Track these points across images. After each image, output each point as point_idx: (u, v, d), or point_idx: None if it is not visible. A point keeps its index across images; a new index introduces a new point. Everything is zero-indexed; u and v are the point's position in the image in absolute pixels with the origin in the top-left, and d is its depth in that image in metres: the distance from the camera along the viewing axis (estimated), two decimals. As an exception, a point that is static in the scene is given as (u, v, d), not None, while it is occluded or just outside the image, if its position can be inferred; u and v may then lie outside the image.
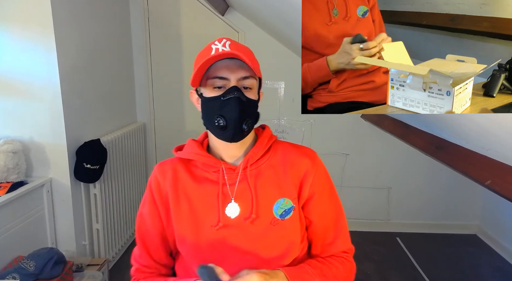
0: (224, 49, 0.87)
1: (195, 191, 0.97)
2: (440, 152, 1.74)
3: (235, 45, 0.91)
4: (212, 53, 0.87)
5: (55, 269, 1.91)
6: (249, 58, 0.87)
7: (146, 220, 1.00)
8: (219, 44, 0.90)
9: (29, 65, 2.03)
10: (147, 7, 2.99)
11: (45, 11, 1.96)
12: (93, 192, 2.38)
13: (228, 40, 0.91)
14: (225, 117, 0.88)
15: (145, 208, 1.01)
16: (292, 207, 0.96)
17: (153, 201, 0.99)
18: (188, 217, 0.95)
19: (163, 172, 1.00)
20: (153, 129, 3.23)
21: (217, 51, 0.87)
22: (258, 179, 0.97)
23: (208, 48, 0.91)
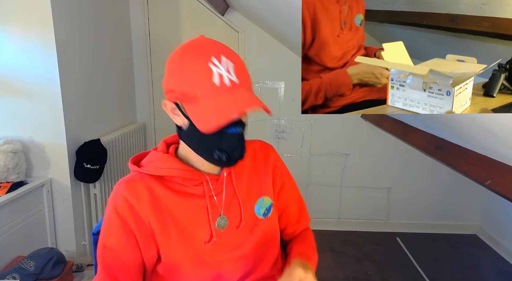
0: (230, 78, 0.76)
1: (179, 209, 0.88)
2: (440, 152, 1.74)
3: (239, 69, 0.78)
4: (214, 80, 0.75)
5: (55, 269, 1.91)
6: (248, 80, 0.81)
7: (117, 252, 0.85)
8: (222, 68, 0.76)
9: (29, 65, 2.03)
10: (147, 7, 2.99)
11: (45, 11, 1.96)
12: (93, 192, 2.38)
13: (228, 60, 0.77)
14: (228, 152, 0.82)
15: (113, 238, 0.86)
16: (271, 204, 0.99)
17: (125, 229, 0.85)
18: (178, 238, 0.88)
19: (134, 193, 0.86)
20: (153, 129, 3.23)
21: (222, 80, 0.75)
22: (240, 184, 0.95)
23: (207, 70, 0.75)
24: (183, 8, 3.02)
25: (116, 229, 0.85)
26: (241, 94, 0.77)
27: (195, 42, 0.81)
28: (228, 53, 0.78)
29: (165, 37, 3.07)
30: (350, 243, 3.07)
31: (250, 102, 0.77)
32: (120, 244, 0.85)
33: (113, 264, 0.86)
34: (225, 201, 0.92)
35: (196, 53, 0.77)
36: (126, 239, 0.85)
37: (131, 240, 0.86)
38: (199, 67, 0.75)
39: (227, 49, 0.79)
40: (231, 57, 0.78)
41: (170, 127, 3.06)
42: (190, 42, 0.82)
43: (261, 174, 0.99)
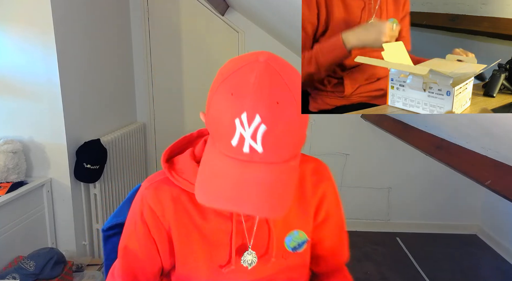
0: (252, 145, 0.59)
1: (205, 226, 0.80)
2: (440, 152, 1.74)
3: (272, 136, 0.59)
4: (233, 141, 0.60)
5: (55, 269, 1.91)
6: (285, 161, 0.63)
7: (138, 256, 0.83)
8: (248, 130, 0.58)
9: (29, 65, 2.03)
10: (147, 7, 2.99)
11: (45, 11, 1.96)
12: (93, 192, 2.38)
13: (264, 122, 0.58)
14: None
15: (136, 242, 0.83)
16: (306, 241, 0.86)
17: (148, 236, 0.82)
18: (197, 256, 0.81)
19: (160, 204, 0.80)
20: (153, 129, 3.23)
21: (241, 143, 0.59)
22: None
23: (231, 125, 0.59)
24: (183, 8, 3.02)
25: (141, 234, 0.82)
26: (252, 176, 0.60)
27: (240, 78, 0.61)
28: (269, 109, 0.58)
29: (165, 37, 3.07)
30: (350, 243, 3.06)
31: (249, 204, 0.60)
32: (142, 250, 0.82)
33: (133, 265, 0.83)
34: (256, 231, 0.82)
35: (230, 97, 0.60)
36: (149, 246, 0.82)
37: (152, 247, 0.83)
38: (225, 115, 0.60)
39: (270, 103, 0.58)
40: (269, 117, 0.58)
41: (170, 127, 3.05)
42: (237, 71, 0.62)
43: (304, 204, 0.85)
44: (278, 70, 0.61)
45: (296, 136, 0.62)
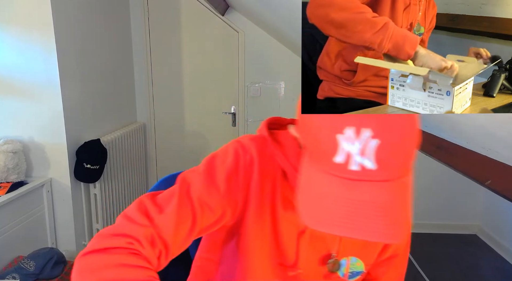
0: (362, 163, 0.52)
1: (280, 214, 0.72)
2: (440, 152, 1.74)
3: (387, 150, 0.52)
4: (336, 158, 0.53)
5: (55, 269, 1.91)
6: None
7: (204, 192, 0.67)
8: (357, 145, 0.52)
9: (29, 65, 2.03)
10: (147, 7, 2.99)
11: (45, 12, 1.96)
12: (93, 192, 2.38)
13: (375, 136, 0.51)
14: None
15: (212, 177, 0.68)
16: (361, 272, 0.78)
17: (232, 179, 0.69)
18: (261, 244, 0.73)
19: (262, 158, 0.70)
20: (153, 129, 3.23)
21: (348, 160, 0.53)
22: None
23: (332, 142, 0.53)
24: (183, 8, 3.02)
25: (227, 176, 0.68)
26: (364, 198, 0.53)
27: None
28: (380, 126, 0.52)
29: (165, 37, 3.07)
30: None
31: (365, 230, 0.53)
32: (218, 192, 0.68)
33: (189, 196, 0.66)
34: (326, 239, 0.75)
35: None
36: (225, 193, 0.68)
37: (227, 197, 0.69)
38: (326, 132, 0.54)
39: (381, 122, 0.52)
40: (382, 129, 0.52)
41: (170, 127, 3.05)
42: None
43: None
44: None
45: (410, 147, 0.55)
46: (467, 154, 1.53)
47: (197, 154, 3.25)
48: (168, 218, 0.62)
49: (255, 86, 3.11)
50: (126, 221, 0.62)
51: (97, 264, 0.56)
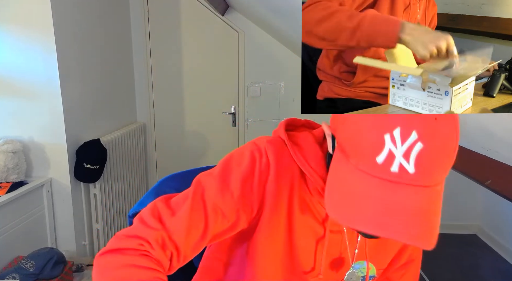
0: (403, 164, 0.52)
1: (297, 218, 0.71)
2: (440, 152, 1.74)
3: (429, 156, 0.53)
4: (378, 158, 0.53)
5: (55, 269, 1.91)
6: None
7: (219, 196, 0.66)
8: (400, 147, 0.52)
9: (29, 65, 2.03)
10: (147, 7, 2.99)
11: (45, 11, 1.96)
12: (93, 192, 2.38)
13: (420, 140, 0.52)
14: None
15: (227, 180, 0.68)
16: (373, 277, 0.78)
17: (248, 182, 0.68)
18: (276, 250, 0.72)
19: (278, 161, 0.69)
20: (153, 129, 3.23)
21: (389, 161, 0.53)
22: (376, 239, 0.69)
23: (379, 141, 0.53)
24: (183, 8, 3.02)
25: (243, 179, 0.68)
26: (401, 200, 0.53)
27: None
28: (427, 126, 0.52)
29: (165, 37, 3.07)
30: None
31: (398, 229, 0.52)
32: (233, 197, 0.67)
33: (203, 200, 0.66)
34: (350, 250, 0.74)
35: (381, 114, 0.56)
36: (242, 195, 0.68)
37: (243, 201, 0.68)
38: (371, 131, 0.55)
39: (428, 119, 0.53)
40: (427, 134, 0.52)
41: (170, 127, 3.05)
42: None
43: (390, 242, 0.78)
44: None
45: (451, 156, 0.56)
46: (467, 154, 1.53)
47: (197, 154, 3.25)
48: (180, 221, 0.63)
49: (255, 86, 3.11)
50: (140, 223, 0.63)
51: (110, 264, 0.59)
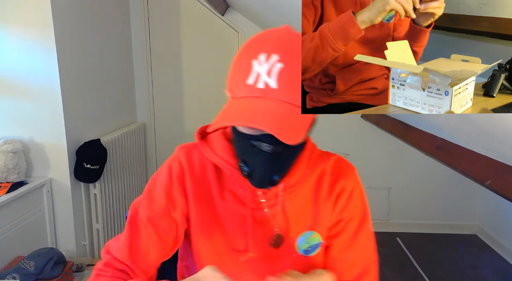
0: (266, 81, 0.61)
1: (220, 205, 0.79)
2: (440, 152, 1.74)
3: (288, 73, 0.61)
4: (248, 80, 0.63)
5: (55, 269, 1.91)
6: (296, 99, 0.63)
7: (148, 210, 0.78)
8: (264, 67, 0.62)
9: (29, 65, 2.03)
10: (147, 7, 2.99)
11: (45, 11, 1.96)
12: (93, 192, 2.38)
13: (281, 60, 0.62)
14: (250, 168, 0.69)
15: (151, 194, 0.80)
16: (319, 244, 0.81)
17: (168, 190, 0.79)
18: (208, 231, 0.80)
19: (189, 161, 0.80)
20: (153, 129, 3.23)
21: (257, 80, 0.62)
22: (293, 205, 0.80)
23: (248, 66, 0.64)
24: (183, 8, 3.02)
25: (163, 186, 0.79)
26: (265, 105, 0.61)
27: (262, 35, 0.69)
28: (287, 51, 0.62)
29: (165, 37, 3.06)
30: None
31: (261, 119, 0.60)
32: (159, 204, 0.78)
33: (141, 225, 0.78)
34: (266, 222, 0.79)
35: (251, 46, 0.67)
36: (166, 202, 0.78)
37: (169, 205, 0.79)
38: (243, 61, 0.66)
39: (287, 47, 0.63)
40: (286, 57, 0.62)
41: (170, 127, 3.05)
42: (260, 33, 0.71)
43: (320, 203, 0.82)
44: (299, 35, 0.68)
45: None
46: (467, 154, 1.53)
47: (197, 154, 3.25)
48: (122, 245, 0.77)
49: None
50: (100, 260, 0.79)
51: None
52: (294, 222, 0.80)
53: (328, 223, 0.83)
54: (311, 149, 0.82)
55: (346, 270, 0.84)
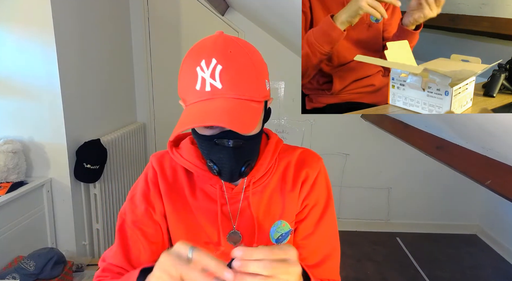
0: (212, 83, 0.68)
1: (193, 204, 0.85)
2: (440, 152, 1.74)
3: (228, 72, 0.68)
4: (196, 86, 0.69)
5: (55, 269, 1.91)
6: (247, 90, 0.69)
7: (132, 214, 0.86)
8: (207, 72, 0.68)
9: (29, 65, 2.03)
10: (147, 7, 2.99)
11: (45, 11, 1.96)
12: (93, 192, 2.38)
13: (219, 62, 0.68)
14: (217, 165, 0.74)
15: (133, 200, 0.87)
16: (289, 231, 0.85)
17: (146, 195, 0.86)
18: (185, 230, 0.85)
19: (161, 166, 0.88)
20: (153, 129, 3.23)
21: (203, 84, 0.68)
22: (261, 199, 0.85)
23: (194, 74, 0.70)
24: (183, 8, 3.02)
25: (140, 194, 0.86)
26: (214, 105, 0.67)
27: (199, 44, 0.75)
28: (223, 54, 0.69)
29: (165, 37, 3.07)
30: (350, 243, 3.07)
31: (212, 117, 0.65)
32: (140, 209, 0.85)
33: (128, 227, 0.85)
34: (240, 215, 0.84)
35: (191, 56, 0.73)
36: (147, 205, 0.85)
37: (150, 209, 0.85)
38: (188, 70, 0.72)
39: (223, 51, 0.70)
40: (224, 59, 0.69)
41: (170, 127, 3.04)
42: (198, 42, 0.77)
43: (286, 193, 0.86)
44: (231, 37, 0.75)
45: (251, 78, 0.70)
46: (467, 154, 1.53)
47: (197, 154, 3.25)
48: (114, 251, 0.84)
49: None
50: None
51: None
52: (264, 214, 0.85)
53: (295, 211, 0.87)
54: (276, 144, 0.86)
55: (309, 256, 0.86)
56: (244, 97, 0.69)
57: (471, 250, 3.07)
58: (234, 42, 0.73)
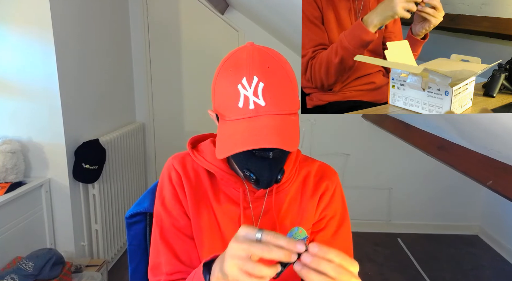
0: (255, 101, 0.69)
1: (216, 206, 0.87)
2: (442, 152, 1.73)
3: (270, 89, 0.70)
4: (239, 104, 0.70)
5: (53, 270, 1.90)
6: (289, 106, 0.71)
7: (169, 218, 0.87)
8: (250, 90, 0.69)
9: (28, 65, 2.03)
10: (146, 6, 2.99)
11: (44, 11, 1.96)
12: (92, 192, 2.37)
13: (261, 80, 0.70)
14: (255, 174, 0.76)
15: (164, 204, 0.87)
16: (305, 238, 0.88)
17: (176, 196, 0.87)
18: (206, 232, 0.86)
19: (184, 168, 0.88)
20: (153, 129, 3.22)
21: (247, 102, 0.69)
22: (282, 205, 0.88)
23: (235, 92, 0.70)
24: (182, 7, 3.01)
25: (168, 195, 0.87)
26: (261, 123, 0.69)
27: (234, 58, 0.75)
28: (262, 71, 0.70)
29: (165, 36, 3.06)
30: (351, 244, 3.06)
31: (263, 139, 0.67)
32: (173, 210, 0.87)
33: (167, 230, 0.86)
34: (262, 218, 0.86)
35: (230, 72, 0.73)
36: (178, 206, 0.87)
37: (181, 208, 0.87)
38: (228, 88, 0.72)
39: (262, 67, 0.71)
40: (264, 76, 0.70)
41: (169, 127, 3.04)
42: (231, 56, 0.76)
43: (305, 201, 0.90)
44: (262, 48, 0.75)
45: (290, 92, 0.72)
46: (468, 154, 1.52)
47: (197, 154, 3.24)
48: (166, 260, 0.84)
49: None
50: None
51: None
52: (282, 219, 0.88)
53: (312, 219, 0.90)
54: (297, 153, 0.90)
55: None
56: (285, 112, 0.71)
57: (473, 250, 3.06)
58: (268, 55, 0.74)
